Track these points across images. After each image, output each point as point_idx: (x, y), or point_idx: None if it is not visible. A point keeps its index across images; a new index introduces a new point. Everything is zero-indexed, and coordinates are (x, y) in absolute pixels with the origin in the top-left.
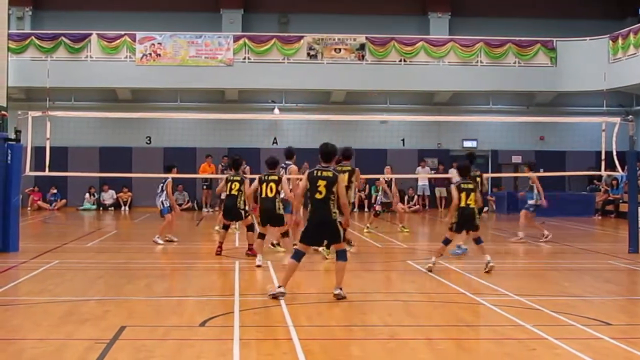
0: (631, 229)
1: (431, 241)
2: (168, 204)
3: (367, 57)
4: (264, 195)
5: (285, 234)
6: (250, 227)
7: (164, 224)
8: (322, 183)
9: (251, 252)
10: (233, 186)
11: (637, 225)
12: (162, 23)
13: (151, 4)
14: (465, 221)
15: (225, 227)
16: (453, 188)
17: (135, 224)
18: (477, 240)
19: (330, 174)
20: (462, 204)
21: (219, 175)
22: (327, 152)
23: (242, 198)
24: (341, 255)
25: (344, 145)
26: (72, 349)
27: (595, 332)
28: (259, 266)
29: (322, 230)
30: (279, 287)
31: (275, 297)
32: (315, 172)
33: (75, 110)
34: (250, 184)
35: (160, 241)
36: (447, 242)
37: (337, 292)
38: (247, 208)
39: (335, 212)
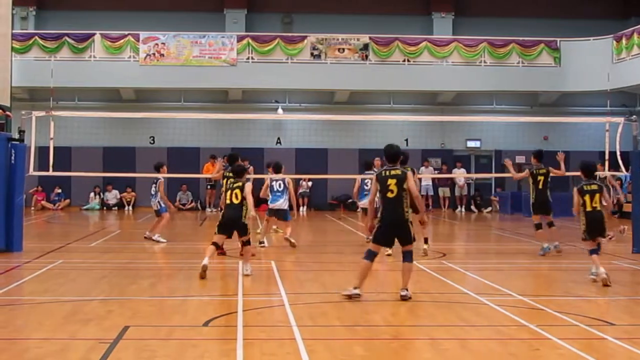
0: (635, 229)
1: (434, 241)
2: (164, 204)
3: (370, 57)
4: (228, 201)
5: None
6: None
7: (163, 222)
8: (392, 182)
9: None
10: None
11: None
12: (166, 23)
13: (155, 4)
14: (596, 226)
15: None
16: (575, 192)
17: (138, 224)
18: (595, 250)
19: (398, 172)
20: (588, 208)
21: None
22: (393, 153)
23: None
24: (408, 257)
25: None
26: (76, 349)
27: (599, 332)
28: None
29: (395, 230)
30: (355, 288)
31: (349, 297)
32: (383, 172)
33: (78, 110)
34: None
35: (162, 239)
36: (594, 251)
37: (403, 293)
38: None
39: (407, 212)
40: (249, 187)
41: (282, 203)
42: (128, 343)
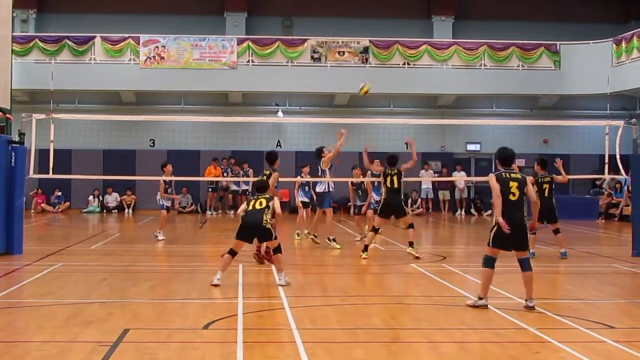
0: (635, 232)
1: (434, 244)
2: (163, 201)
3: (370, 60)
4: (250, 208)
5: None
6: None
7: (160, 219)
8: (514, 185)
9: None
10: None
11: None
12: (166, 26)
13: (155, 7)
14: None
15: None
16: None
17: (139, 226)
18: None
19: (519, 176)
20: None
21: (225, 178)
22: (508, 156)
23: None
24: (527, 265)
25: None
26: (76, 352)
27: (599, 335)
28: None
29: (516, 234)
30: (480, 299)
31: (476, 307)
32: (503, 174)
33: (79, 112)
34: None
35: (160, 236)
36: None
37: (532, 304)
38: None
39: (525, 217)
40: (277, 201)
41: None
42: (128, 346)
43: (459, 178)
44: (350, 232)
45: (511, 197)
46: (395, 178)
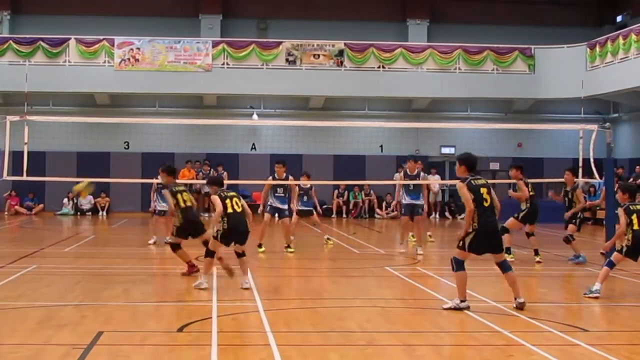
0: (608, 236)
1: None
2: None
3: (345, 63)
4: (231, 210)
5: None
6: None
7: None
8: (484, 190)
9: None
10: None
11: (614, 232)
12: (141, 28)
13: (130, 9)
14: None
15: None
16: (621, 212)
17: (113, 229)
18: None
19: (484, 180)
20: (636, 227)
21: (199, 181)
22: (475, 162)
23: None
24: (507, 266)
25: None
26: (50, 354)
27: (572, 339)
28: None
29: (493, 239)
30: (462, 301)
31: (459, 309)
32: (473, 181)
33: (53, 114)
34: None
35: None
36: (611, 265)
37: (522, 300)
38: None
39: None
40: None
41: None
42: (102, 349)
43: (434, 181)
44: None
45: (485, 204)
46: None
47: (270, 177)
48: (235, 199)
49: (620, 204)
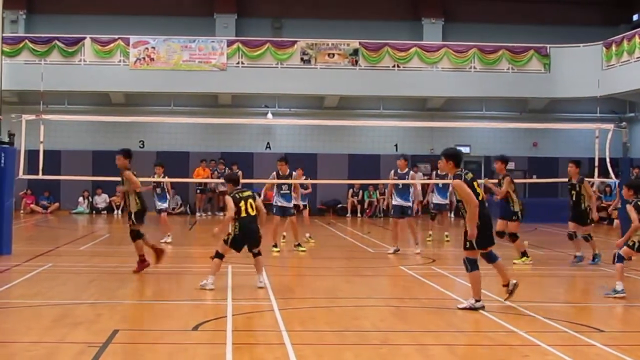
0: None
1: (423, 246)
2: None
3: (360, 63)
4: (244, 214)
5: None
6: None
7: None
8: (476, 184)
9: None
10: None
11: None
12: (156, 27)
13: (145, 8)
14: None
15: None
16: (630, 208)
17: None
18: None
19: (473, 174)
20: None
21: (214, 180)
22: (462, 157)
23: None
24: (494, 255)
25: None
26: (65, 353)
27: (588, 339)
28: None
29: (490, 231)
30: (477, 301)
31: (474, 309)
32: (466, 176)
33: (68, 113)
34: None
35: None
36: (621, 259)
37: (514, 281)
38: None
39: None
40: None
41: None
42: (117, 347)
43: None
44: (341, 235)
45: (479, 197)
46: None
47: (274, 174)
48: (250, 200)
49: (627, 201)
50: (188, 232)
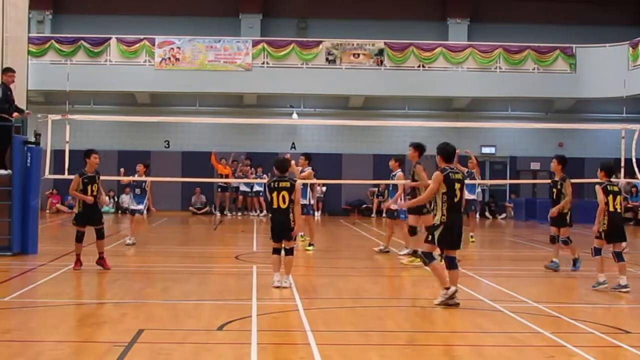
0: None
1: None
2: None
3: (385, 63)
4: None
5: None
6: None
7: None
8: (458, 186)
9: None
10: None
11: None
12: (181, 27)
13: (170, 9)
14: (616, 229)
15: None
16: (598, 189)
17: (152, 227)
18: (619, 256)
19: (461, 176)
20: (611, 209)
21: (238, 180)
22: (452, 153)
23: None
24: (455, 264)
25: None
26: (91, 352)
27: (614, 340)
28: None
29: (458, 236)
30: (447, 289)
31: (451, 300)
32: (451, 174)
33: (94, 113)
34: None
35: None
36: (598, 252)
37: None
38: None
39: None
40: (298, 185)
41: None
42: (143, 346)
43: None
44: (366, 235)
45: (455, 199)
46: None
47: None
48: (283, 193)
49: (599, 183)
50: (213, 232)
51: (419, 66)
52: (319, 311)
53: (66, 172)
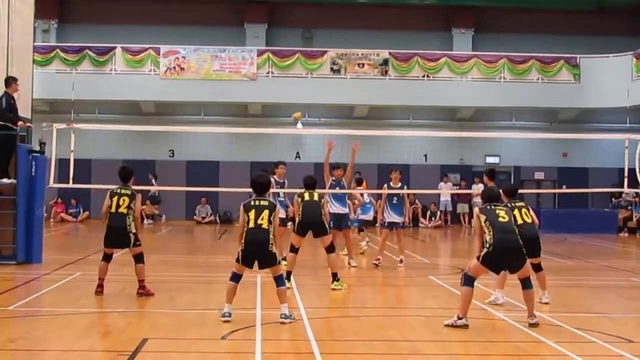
0: None
1: (452, 257)
2: None
3: (390, 72)
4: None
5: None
6: (139, 258)
7: None
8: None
9: (144, 292)
10: (121, 202)
11: None
12: (187, 37)
13: (176, 18)
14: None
15: (108, 258)
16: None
17: (157, 237)
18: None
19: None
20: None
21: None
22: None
23: (132, 219)
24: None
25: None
26: None
27: (617, 350)
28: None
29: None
30: (460, 318)
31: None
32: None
33: (99, 122)
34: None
35: None
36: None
37: (533, 321)
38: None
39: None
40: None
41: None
42: (147, 355)
43: (478, 191)
44: (373, 245)
45: (504, 220)
46: None
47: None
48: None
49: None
50: (218, 242)
51: (423, 76)
52: (323, 320)
53: (71, 181)
